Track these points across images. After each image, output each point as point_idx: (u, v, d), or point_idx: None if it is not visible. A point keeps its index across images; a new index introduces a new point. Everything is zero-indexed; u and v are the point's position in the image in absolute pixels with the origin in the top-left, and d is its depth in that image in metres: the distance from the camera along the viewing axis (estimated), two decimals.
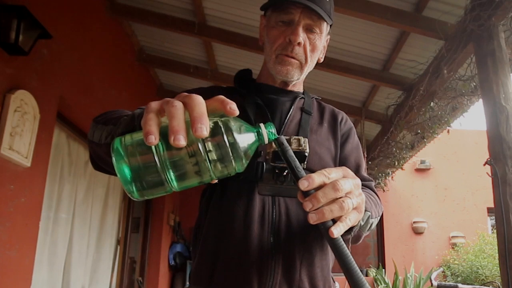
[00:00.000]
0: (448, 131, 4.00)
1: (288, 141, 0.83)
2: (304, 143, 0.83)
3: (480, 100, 2.78)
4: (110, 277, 4.00)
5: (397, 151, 4.50)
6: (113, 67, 3.62)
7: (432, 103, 3.43)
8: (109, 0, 3.45)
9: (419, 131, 3.99)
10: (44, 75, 2.54)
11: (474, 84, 2.99)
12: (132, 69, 4.10)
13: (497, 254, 2.11)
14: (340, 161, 1.07)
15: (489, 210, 6.80)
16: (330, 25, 1.07)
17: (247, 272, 0.89)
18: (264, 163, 0.95)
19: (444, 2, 2.68)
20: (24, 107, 2.28)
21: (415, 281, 6.02)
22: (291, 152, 0.66)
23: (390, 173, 5.52)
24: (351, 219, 0.66)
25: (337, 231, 0.62)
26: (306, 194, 0.62)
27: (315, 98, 1.16)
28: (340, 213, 0.63)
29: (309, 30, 1.01)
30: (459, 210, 6.94)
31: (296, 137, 0.85)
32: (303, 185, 0.62)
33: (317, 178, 0.63)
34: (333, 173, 0.65)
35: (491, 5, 2.24)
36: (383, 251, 6.89)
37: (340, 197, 0.64)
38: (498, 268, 2.10)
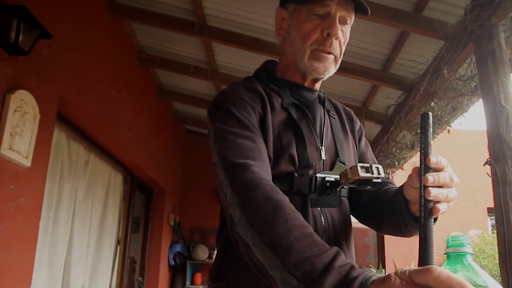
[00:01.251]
0: (448, 131, 4.00)
1: (370, 169, 0.87)
2: (381, 170, 0.88)
3: (480, 100, 2.77)
4: (110, 277, 4.00)
5: (397, 151, 4.50)
6: (113, 67, 3.62)
7: (432, 103, 3.42)
8: (109, 0, 3.44)
9: (419, 131, 3.98)
10: (44, 75, 2.54)
11: (474, 84, 2.99)
12: (132, 69, 4.10)
13: (497, 254, 2.11)
14: (359, 158, 1.09)
15: (489, 210, 6.80)
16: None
17: None
18: (317, 176, 0.93)
19: (444, 2, 2.68)
20: (24, 107, 2.28)
21: None
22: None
23: (390, 173, 5.51)
24: (449, 206, 0.77)
25: (442, 208, 0.72)
26: (426, 170, 0.70)
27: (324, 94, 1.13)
28: (447, 199, 0.75)
29: (342, 22, 0.97)
30: (459, 210, 6.94)
31: (376, 165, 0.88)
32: (433, 161, 0.71)
33: (443, 161, 0.75)
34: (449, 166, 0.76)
35: (491, 5, 2.24)
36: (383, 251, 6.88)
37: (450, 187, 0.76)
38: (498, 268, 2.10)
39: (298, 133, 0.95)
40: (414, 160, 6.60)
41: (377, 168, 0.87)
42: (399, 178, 6.40)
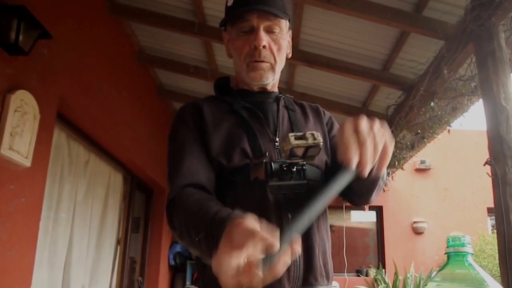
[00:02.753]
0: (448, 131, 4.00)
1: (304, 136, 0.87)
2: (318, 136, 0.87)
3: (480, 100, 2.78)
4: (110, 277, 4.00)
5: (397, 151, 4.50)
6: (113, 67, 3.62)
7: (432, 103, 3.42)
8: (109, 0, 3.45)
9: (419, 131, 3.98)
10: (44, 75, 2.54)
11: (474, 84, 2.99)
12: (132, 69, 4.10)
13: (497, 254, 2.11)
14: (331, 147, 1.12)
15: (489, 210, 6.80)
16: (289, 20, 1.11)
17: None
18: (272, 163, 0.97)
19: (444, 2, 2.68)
20: (24, 107, 2.28)
21: (415, 281, 6.02)
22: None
23: (391, 173, 5.52)
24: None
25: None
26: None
27: (290, 97, 1.21)
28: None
29: (269, 31, 1.04)
30: (459, 210, 6.94)
31: (310, 132, 0.89)
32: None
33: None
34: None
35: (491, 5, 2.24)
36: (383, 251, 6.88)
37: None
38: (498, 268, 2.10)
39: (248, 128, 1.04)
40: (414, 160, 6.60)
41: (312, 134, 0.88)
42: (399, 178, 6.40)
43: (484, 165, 2.17)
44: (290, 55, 1.16)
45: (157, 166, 4.92)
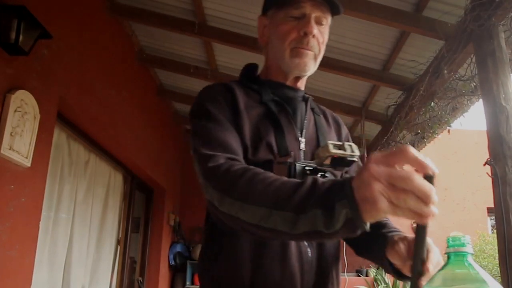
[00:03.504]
0: (448, 131, 4.00)
1: (342, 146, 0.86)
2: (355, 149, 0.86)
3: (480, 100, 2.78)
4: (110, 277, 4.00)
5: None
6: (113, 67, 3.62)
7: (432, 103, 3.42)
8: (109, 0, 3.45)
9: (419, 131, 3.98)
10: (44, 75, 2.54)
11: (474, 84, 2.99)
12: (132, 69, 4.10)
13: (497, 254, 2.11)
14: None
15: (489, 210, 6.80)
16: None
17: (290, 274, 0.90)
18: (296, 164, 0.94)
19: (444, 2, 2.68)
20: (24, 107, 2.28)
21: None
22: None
23: None
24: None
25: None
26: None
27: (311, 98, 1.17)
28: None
29: (318, 22, 1.02)
30: (459, 210, 6.94)
31: (349, 143, 0.88)
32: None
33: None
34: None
35: (491, 5, 2.24)
36: None
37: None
38: (498, 268, 2.10)
39: (276, 123, 1.00)
40: None
41: (350, 146, 0.87)
42: None
43: (484, 165, 2.17)
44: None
45: (157, 166, 4.92)
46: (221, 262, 0.93)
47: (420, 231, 0.61)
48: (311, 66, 1.04)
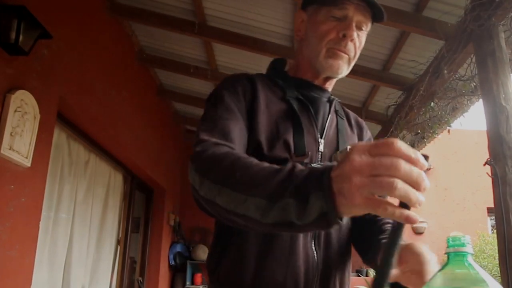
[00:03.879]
0: (448, 131, 4.00)
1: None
2: None
3: (480, 100, 2.78)
4: (110, 277, 4.00)
5: None
6: (113, 67, 3.62)
7: (432, 103, 3.42)
8: (109, 0, 3.45)
9: (419, 131, 3.98)
10: (44, 75, 2.54)
11: (474, 84, 2.99)
12: (132, 69, 4.10)
13: (497, 254, 2.11)
14: None
15: (489, 210, 6.80)
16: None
17: (295, 277, 0.89)
18: (312, 165, 0.93)
19: (444, 2, 2.68)
20: (24, 107, 2.28)
21: None
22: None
23: None
24: None
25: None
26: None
27: (338, 101, 1.15)
28: None
29: (358, 27, 1.00)
30: (459, 210, 6.94)
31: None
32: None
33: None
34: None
35: (491, 5, 2.24)
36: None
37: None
38: (498, 268, 2.10)
39: (296, 122, 0.98)
40: None
41: None
42: None
43: (484, 165, 2.17)
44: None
45: (157, 166, 4.92)
46: (227, 260, 0.93)
47: (396, 232, 0.57)
48: (344, 69, 1.02)
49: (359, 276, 6.53)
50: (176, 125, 5.82)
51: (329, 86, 1.09)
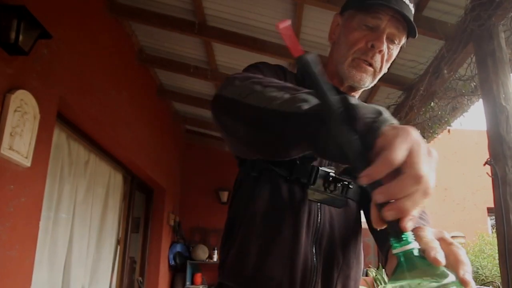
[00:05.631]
0: (448, 131, 4.00)
1: None
2: None
3: (480, 100, 2.78)
4: (110, 277, 4.00)
5: None
6: (113, 67, 3.62)
7: (432, 103, 3.43)
8: (109, 0, 3.45)
9: (419, 131, 3.98)
10: (44, 75, 2.54)
11: (474, 84, 2.99)
12: (132, 69, 4.10)
13: (497, 254, 2.11)
14: None
15: (489, 210, 6.80)
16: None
17: (291, 278, 0.89)
18: (320, 169, 0.92)
19: (444, 2, 2.68)
20: (24, 107, 2.28)
21: None
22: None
23: None
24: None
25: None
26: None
27: None
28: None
29: (390, 39, 0.97)
30: (459, 210, 6.94)
31: None
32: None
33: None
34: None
35: (491, 5, 2.25)
36: None
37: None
38: (498, 268, 2.10)
39: None
40: None
41: None
42: None
43: (484, 165, 2.17)
44: (386, 71, 1.08)
45: (157, 166, 4.92)
46: (232, 254, 0.94)
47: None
48: (367, 82, 0.99)
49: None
50: (176, 125, 5.82)
51: (355, 94, 1.07)
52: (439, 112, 3.59)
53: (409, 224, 0.48)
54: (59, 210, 3.08)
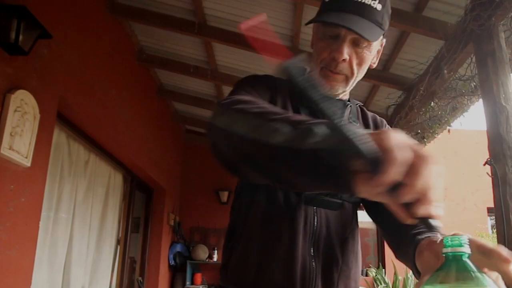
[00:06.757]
0: (448, 131, 4.00)
1: None
2: None
3: (480, 100, 2.78)
4: (110, 277, 4.00)
5: None
6: (113, 67, 3.62)
7: (432, 103, 3.43)
8: (109, 0, 3.45)
9: (419, 131, 3.98)
10: (44, 75, 2.54)
11: (474, 84, 2.99)
12: (132, 69, 4.10)
13: None
14: None
15: (489, 210, 6.80)
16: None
17: (291, 282, 0.90)
18: None
19: (444, 2, 2.68)
20: (24, 107, 2.28)
21: (415, 281, 6.02)
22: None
23: None
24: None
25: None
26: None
27: (359, 105, 1.13)
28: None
29: (355, 43, 0.95)
30: (459, 210, 6.94)
31: None
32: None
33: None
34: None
35: (491, 5, 2.24)
36: (383, 251, 6.88)
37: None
38: None
39: None
40: None
41: None
42: None
43: (484, 165, 2.17)
44: (374, 65, 1.06)
45: (157, 166, 4.92)
46: (235, 257, 0.95)
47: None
48: (339, 89, 1.00)
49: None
50: (176, 125, 5.82)
51: (342, 95, 1.07)
52: (439, 112, 3.59)
53: (439, 210, 0.52)
54: (59, 210, 3.08)
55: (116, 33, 3.70)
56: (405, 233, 0.84)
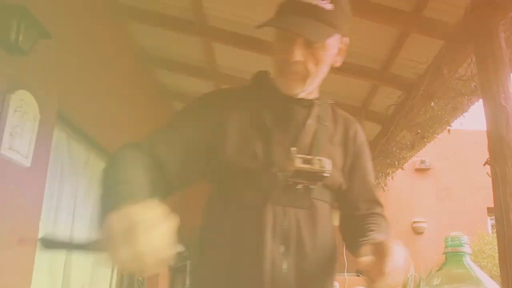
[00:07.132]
0: (448, 131, 4.00)
1: (310, 161, 0.86)
2: (325, 165, 0.86)
3: (480, 100, 2.77)
4: (110, 277, 4.00)
5: (397, 151, 4.49)
6: (113, 67, 3.62)
7: (432, 103, 3.42)
8: (109, 0, 3.45)
9: (419, 131, 3.98)
10: (44, 75, 2.54)
11: (474, 84, 2.99)
12: (132, 69, 4.10)
13: (497, 254, 2.11)
14: (351, 180, 1.06)
15: (489, 210, 6.80)
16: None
17: (261, 284, 0.89)
18: (279, 174, 0.94)
19: (444, 2, 2.68)
20: (24, 107, 2.28)
21: (415, 281, 6.02)
22: None
23: (390, 173, 5.51)
24: None
25: None
26: None
27: (330, 103, 1.14)
28: None
29: (309, 45, 0.95)
30: (459, 210, 6.94)
31: (319, 158, 0.87)
32: None
33: None
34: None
35: (491, 5, 2.24)
36: None
37: None
38: (498, 268, 2.10)
39: (265, 133, 0.98)
40: (414, 159, 6.59)
41: (320, 161, 0.86)
42: (398, 178, 6.40)
43: (484, 165, 2.17)
44: (338, 64, 1.09)
45: None
46: (206, 264, 0.97)
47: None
48: (297, 88, 1.00)
49: (359, 276, 6.53)
50: None
51: (308, 95, 1.06)
52: (439, 112, 3.59)
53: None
54: (59, 210, 3.08)
55: (116, 33, 3.70)
56: (355, 240, 0.96)
